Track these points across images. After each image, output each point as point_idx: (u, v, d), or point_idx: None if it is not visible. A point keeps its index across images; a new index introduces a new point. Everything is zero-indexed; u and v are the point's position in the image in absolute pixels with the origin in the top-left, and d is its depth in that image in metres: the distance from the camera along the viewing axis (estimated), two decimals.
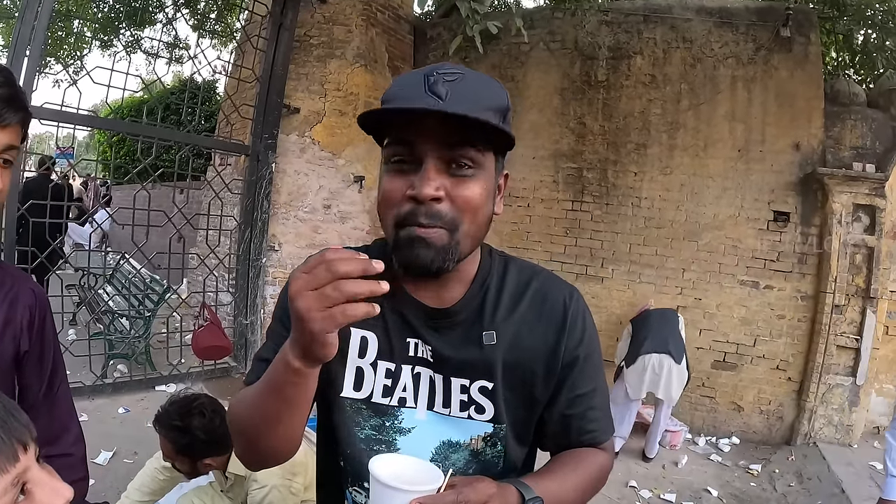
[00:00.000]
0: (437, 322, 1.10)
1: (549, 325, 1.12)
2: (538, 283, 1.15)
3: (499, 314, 1.11)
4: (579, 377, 1.13)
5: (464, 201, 0.97)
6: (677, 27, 6.07)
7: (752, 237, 5.74)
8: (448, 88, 0.94)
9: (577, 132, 6.37)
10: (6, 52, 4.96)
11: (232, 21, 10.82)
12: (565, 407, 1.13)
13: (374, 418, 1.10)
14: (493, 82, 1.02)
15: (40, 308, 1.35)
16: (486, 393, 1.09)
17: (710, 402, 5.87)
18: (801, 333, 5.63)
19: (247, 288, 5.99)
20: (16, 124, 1.14)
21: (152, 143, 5.38)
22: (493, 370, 1.09)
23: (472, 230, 1.00)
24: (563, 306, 1.13)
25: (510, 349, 1.09)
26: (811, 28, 5.76)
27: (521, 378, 1.11)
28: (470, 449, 1.11)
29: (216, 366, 5.86)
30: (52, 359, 1.41)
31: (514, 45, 6.60)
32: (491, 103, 0.97)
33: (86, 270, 7.25)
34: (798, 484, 4.88)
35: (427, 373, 1.10)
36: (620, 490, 4.64)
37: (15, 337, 1.29)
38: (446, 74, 0.96)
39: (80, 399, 5.00)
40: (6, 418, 0.78)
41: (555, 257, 6.39)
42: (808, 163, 5.58)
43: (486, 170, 1.00)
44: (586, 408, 1.14)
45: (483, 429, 1.10)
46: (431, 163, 0.95)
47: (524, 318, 1.12)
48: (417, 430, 1.10)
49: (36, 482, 0.80)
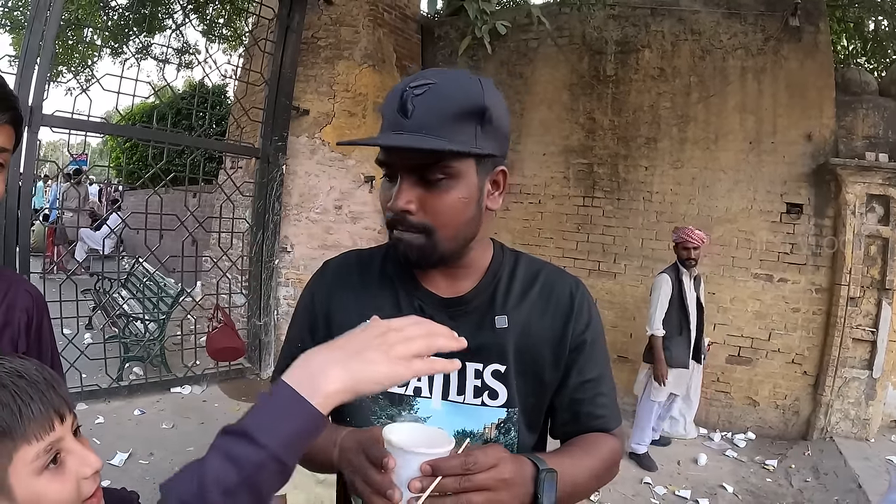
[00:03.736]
0: (451, 310, 1.16)
1: (556, 312, 1.18)
2: (546, 275, 1.22)
3: (510, 301, 1.17)
4: (587, 362, 1.18)
5: (435, 210, 1.03)
6: (685, 19, 6.03)
7: (765, 230, 5.69)
8: (415, 104, 0.99)
9: (587, 127, 6.35)
10: (17, 61, 4.99)
11: (240, 25, 10.88)
12: (574, 391, 1.18)
13: (391, 408, 1.15)
14: (467, 82, 1.03)
15: (37, 310, 1.34)
16: (498, 377, 1.14)
17: (725, 398, 5.83)
18: (816, 326, 5.57)
19: (260, 289, 6.02)
20: (7, 126, 1.10)
21: (164, 148, 5.41)
22: (506, 353, 1.14)
23: (450, 233, 1.06)
24: (570, 295, 1.19)
25: (521, 334, 1.15)
26: (820, 17, 5.70)
27: (532, 363, 1.15)
28: (483, 438, 1.14)
29: (230, 367, 5.91)
30: (51, 361, 1.38)
31: (522, 41, 6.59)
32: (461, 108, 1.00)
33: (100, 275, 7.31)
34: (814, 479, 4.83)
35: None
36: (635, 486, 4.62)
37: (13, 339, 1.27)
38: (416, 88, 1.00)
39: (97, 401, 5.05)
40: (46, 390, 0.88)
41: (567, 253, 6.37)
42: (821, 153, 5.53)
43: (464, 176, 1.04)
44: (595, 393, 1.18)
45: (496, 415, 1.14)
46: (404, 179, 1.03)
47: (534, 305, 1.18)
48: (432, 420, 1.14)
49: (69, 451, 0.89)
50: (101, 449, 4.01)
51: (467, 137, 1.01)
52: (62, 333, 4.95)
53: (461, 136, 1.00)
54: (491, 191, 1.11)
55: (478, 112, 1.01)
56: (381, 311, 1.11)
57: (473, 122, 1.01)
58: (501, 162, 1.11)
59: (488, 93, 1.03)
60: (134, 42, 11.37)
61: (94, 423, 4.65)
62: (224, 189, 5.99)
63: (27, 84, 4.39)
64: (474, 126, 1.01)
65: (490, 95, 1.03)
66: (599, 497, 4.33)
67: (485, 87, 1.03)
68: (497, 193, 1.12)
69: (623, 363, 5.97)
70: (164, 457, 4.23)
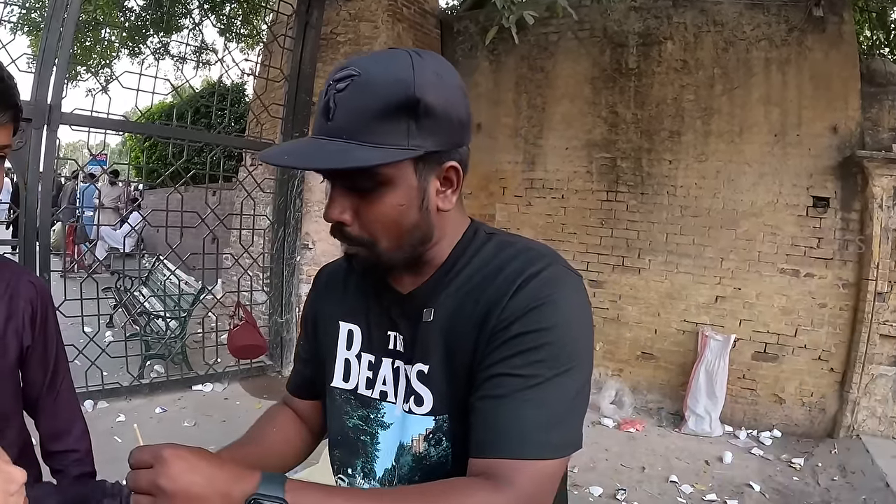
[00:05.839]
0: (404, 307, 1.05)
1: (492, 293, 0.95)
2: (507, 256, 0.99)
3: (447, 291, 1.01)
4: (498, 355, 0.91)
5: (370, 221, 0.94)
6: (707, 10, 5.95)
7: (791, 224, 5.59)
8: (336, 103, 0.88)
9: (610, 121, 6.28)
10: (35, 62, 5.02)
11: (258, 23, 10.91)
12: (476, 392, 0.93)
13: (361, 409, 1.09)
14: (396, 68, 0.89)
15: (42, 301, 1.34)
16: (423, 378, 1.00)
17: (751, 395, 5.75)
18: (843, 322, 5.47)
19: (281, 286, 6.04)
20: (5, 123, 1.09)
21: (183, 146, 5.43)
22: (429, 350, 0.99)
23: (391, 244, 0.95)
24: (518, 273, 0.94)
25: (447, 326, 0.99)
26: (844, 6, 5.59)
27: (459, 357, 0.97)
28: (412, 453, 1.01)
29: (252, 365, 5.92)
30: (56, 353, 1.40)
31: (543, 35, 6.54)
32: (386, 104, 0.87)
33: (121, 273, 7.35)
34: (841, 478, 4.75)
35: (403, 366, 1.05)
36: (661, 485, 4.57)
37: (17, 332, 1.28)
38: (338, 83, 0.89)
39: (118, 399, 5.08)
40: None
41: (590, 249, 6.32)
42: (847, 146, 5.42)
43: (399, 181, 0.91)
44: (498, 400, 0.89)
45: (423, 425, 1.00)
46: (335, 188, 0.94)
47: (472, 291, 0.98)
48: (394, 426, 1.05)
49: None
50: (122, 447, 4.03)
51: (398, 136, 0.87)
52: (83, 331, 4.98)
53: (390, 137, 0.87)
54: (441, 189, 0.97)
55: (408, 105, 0.87)
56: (353, 315, 1.13)
57: (404, 117, 0.88)
58: (452, 156, 0.96)
59: (422, 78, 0.88)
60: (151, 42, 11.46)
61: (116, 422, 4.67)
62: (245, 186, 5.99)
63: (46, 83, 4.41)
64: (406, 122, 0.88)
65: (425, 81, 0.88)
66: (626, 495, 4.29)
67: (418, 72, 0.88)
68: (450, 191, 0.98)
69: (647, 360, 5.93)
70: None
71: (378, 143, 0.87)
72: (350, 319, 1.12)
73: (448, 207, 0.99)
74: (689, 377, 5.62)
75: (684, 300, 5.92)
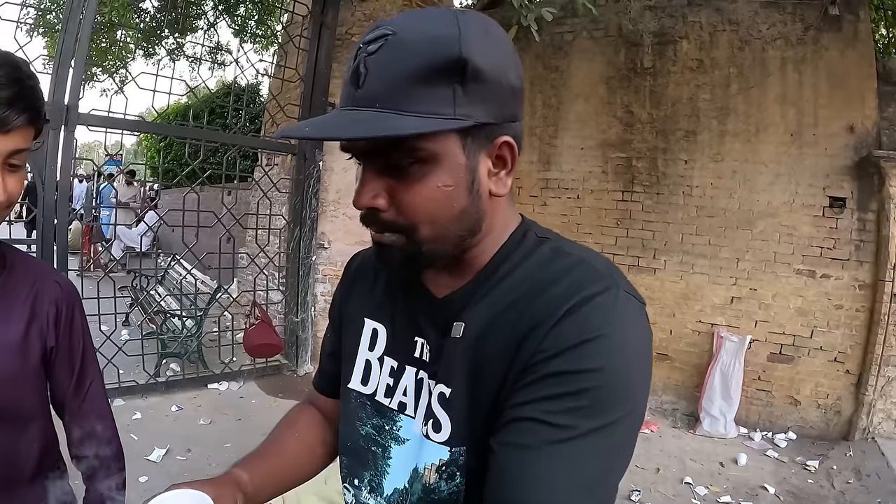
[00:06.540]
0: (435, 316, 0.92)
1: (531, 314, 0.80)
2: (556, 269, 0.83)
3: (484, 301, 0.86)
4: (531, 394, 0.76)
5: (408, 205, 0.79)
6: (723, 9, 5.92)
7: (807, 224, 5.56)
8: (368, 67, 0.74)
9: (625, 121, 6.26)
10: (52, 63, 5.07)
11: (272, 23, 10.96)
12: (497, 434, 0.78)
13: (376, 418, 0.98)
14: (437, 26, 0.75)
15: (67, 302, 1.28)
16: (443, 402, 0.87)
17: (766, 396, 5.72)
18: (859, 324, 5.43)
19: (297, 286, 6.06)
20: (22, 126, 1.02)
21: (199, 146, 5.47)
22: (453, 371, 0.86)
23: (434, 233, 0.81)
24: (570, 295, 0.78)
25: (478, 344, 0.84)
26: (860, 5, 5.55)
27: (486, 381, 0.83)
28: (422, 482, 0.89)
29: (267, 363, 5.94)
30: (83, 355, 1.34)
31: (557, 34, 6.52)
32: (428, 65, 0.73)
33: (137, 272, 7.40)
34: (857, 481, 4.72)
35: (427, 380, 0.93)
36: (676, 487, 4.55)
37: (41, 333, 1.23)
38: (370, 44, 0.75)
39: (134, 397, 5.12)
40: None
41: (606, 249, 6.27)
42: (863, 146, 5.38)
43: (443, 158, 0.77)
44: (523, 451, 0.74)
45: (437, 454, 0.87)
46: (367, 167, 0.81)
47: (512, 306, 0.83)
48: (410, 444, 0.93)
49: None
50: (138, 445, 4.08)
51: (442, 104, 0.73)
52: (100, 330, 5.04)
53: (432, 105, 0.73)
54: (493, 170, 0.83)
55: (453, 67, 0.73)
56: (379, 312, 1.02)
57: (449, 81, 0.73)
58: (505, 130, 0.81)
59: (469, 36, 0.74)
60: (166, 43, 11.54)
61: (132, 419, 4.70)
62: (261, 185, 6.03)
63: (63, 84, 4.45)
64: (451, 87, 0.73)
65: (473, 40, 0.74)
66: (641, 497, 4.28)
67: (464, 29, 0.74)
68: (504, 173, 0.84)
69: (662, 360, 5.90)
70: (202, 453, 4.26)
71: (418, 111, 0.73)
72: (376, 317, 1.02)
73: (503, 192, 0.85)
74: (705, 378, 5.60)
75: (700, 301, 5.89)
